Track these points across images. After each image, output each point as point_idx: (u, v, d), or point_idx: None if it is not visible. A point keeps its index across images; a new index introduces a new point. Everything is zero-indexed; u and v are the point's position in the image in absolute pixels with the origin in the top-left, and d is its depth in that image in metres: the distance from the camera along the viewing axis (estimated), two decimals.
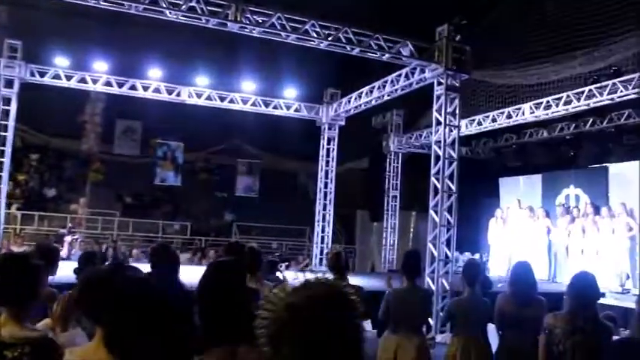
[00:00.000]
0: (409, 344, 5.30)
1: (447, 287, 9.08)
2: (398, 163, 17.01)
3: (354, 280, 7.58)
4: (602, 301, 10.11)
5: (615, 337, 3.84)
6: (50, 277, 4.26)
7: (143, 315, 1.64)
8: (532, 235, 13.95)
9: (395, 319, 5.43)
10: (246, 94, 13.86)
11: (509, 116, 13.10)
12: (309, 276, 1.49)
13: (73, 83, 12.84)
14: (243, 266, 3.48)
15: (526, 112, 12.64)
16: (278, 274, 8.74)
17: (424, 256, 9.35)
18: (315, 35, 8.87)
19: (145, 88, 13.05)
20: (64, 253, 12.75)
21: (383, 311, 5.53)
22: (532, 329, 4.60)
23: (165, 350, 1.62)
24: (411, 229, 18.04)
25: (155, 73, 13.24)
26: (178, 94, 13.31)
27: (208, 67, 13.95)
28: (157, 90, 13.12)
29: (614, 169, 13.76)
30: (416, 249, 5.83)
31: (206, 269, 3.17)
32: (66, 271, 5.03)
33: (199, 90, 13.51)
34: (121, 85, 12.95)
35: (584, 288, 3.91)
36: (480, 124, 13.92)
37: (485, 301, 5.70)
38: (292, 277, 8.93)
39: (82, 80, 12.89)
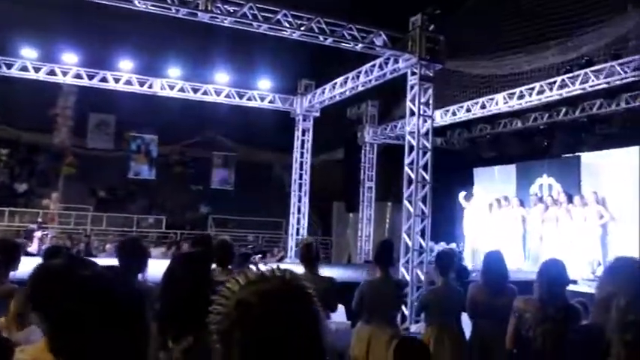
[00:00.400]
0: (383, 334, 5.28)
1: (422, 277, 9.07)
2: (373, 154, 16.98)
3: (330, 271, 7.56)
4: (574, 288, 10.28)
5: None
6: (12, 273, 4.15)
7: (93, 312, 1.55)
8: (507, 224, 14.09)
9: (369, 309, 5.41)
10: (219, 86, 13.70)
11: (483, 106, 13.13)
12: (264, 268, 1.42)
13: (41, 75, 12.58)
14: (208, 258, 3.41)
15: (500, 102, 12.69)
16: (252, 266, 8.66)
17: (399, 246, 9.38)
18: (288, 25, 8.76)
19: (117, 80, 12.82)
20: (33, 248, 12.53)
21: (357, 302, 5.50)
22: (504, 318, 4.60)
23: (114, 350, 1.54)
24: (387, 220, 18.05)
25: (126, 64, 13.03)
26: (150, 86, 13.10)
27: (181, 59, 13.78)
28: (128, 82, 12.89)
29: (587, 158, 13.92)
30: (389, 239, 5.81)
31: (170, 261, 3.11)
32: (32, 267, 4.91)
33: (172, 82, 13.31)
34: (91, 78, 12.70)
35: (553, 275, 3.91)
36: (454, 114, 13.94)
37: (458, 290, 5.71)
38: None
39: (52, 72, 12.63)
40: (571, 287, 9.92)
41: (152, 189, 21.42)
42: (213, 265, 5.45)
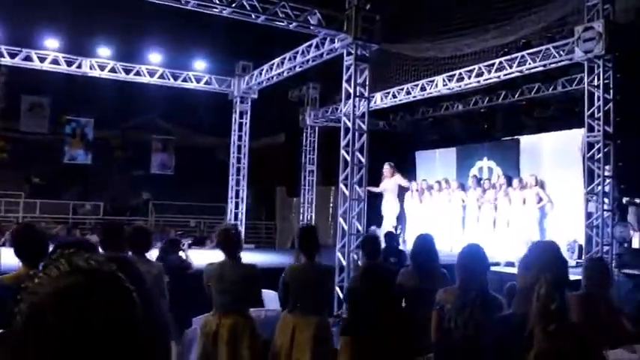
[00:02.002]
0: (307, 323, 5.07)
1: (359, 262, 8.91)
2: (315, 137, 16.77)
3: (269, 256, 7.35)
4: (511, 270, 10.35)
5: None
6: None
7: None
8: (446, 208, 14.15)
9: (293, 297, 5.18)
10: (153, 67, 13.16)
11: (423, 88, 13.03)
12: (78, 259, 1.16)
13: None
14: (87, 247, 3.09)
15: (439, 85, 12.61)
16: (181, 253, 8.38)
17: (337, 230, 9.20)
18: (218, 2, 8.38)
19: (42, 60, 12.11)
20: None
21: (281, 290, 5.28)
22: (433, 302, 4.46)
23: None
24: (330, 204, 17.89)
25: (52, 43, 12.33)
26: (79, 66, 12.45)
27: (112, 37, 13.13)
28: (55, 61, 12.21)
29: (525, 141, 14.09)
30: (311, 224, 5.60)
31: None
32: None
33: (102, 62, 12.70)
34: (13, 56, 11.89)
35: (471, 261, 3.76)
36: (394, 96, 13.81)
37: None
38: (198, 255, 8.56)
39: None
40: (508, 270, 10.03)
41: (89, 174, 20.67)
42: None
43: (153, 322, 1.14)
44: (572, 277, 4.03)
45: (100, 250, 4.55)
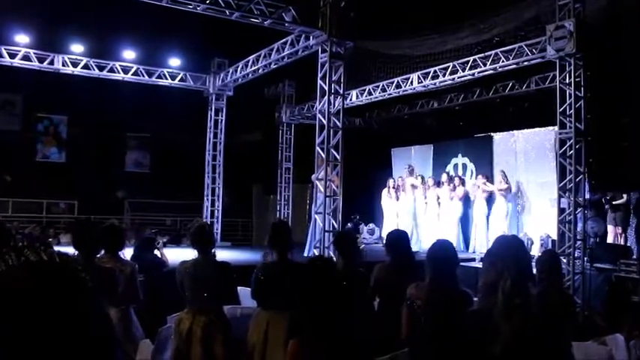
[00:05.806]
0: (281, 320, 5.05)
1: (334, 258, 8.93)
2: (291, 134, 16.76)
3: (246, 254, 7.32)
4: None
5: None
6: None
7: None
8: (423, 204, 14.24)
9: (266, 294, 5.17)
10: (127, 64, 13.03)
11: (398, 86, 13.11)
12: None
13: None
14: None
15: (414, 82, 12.69)
16: (156, 251, 8.29)
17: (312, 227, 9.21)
18: None
19: (12, 56, 11.91)
20: None
21: (254, 288, 5.26)
22: None
23: None
24: (307, 201, 17.89)
25: (22, 38, 12.13)
26: (51, 63, 12.27)
27: (85, 33, 12.94)
28: (26, 57, 12.00)
29: (498, 137, 14.24)
30: (283, 220, 5.59)
31: None
32: None
33: (75, 58, 12.52)
34: None
35: (441, 256, 3.78)
36: (370, 94, 13.86)
37: (360, 271, 5.59)
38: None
39: None
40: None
41: (63, 173, 20.37)
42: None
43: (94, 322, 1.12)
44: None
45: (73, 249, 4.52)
